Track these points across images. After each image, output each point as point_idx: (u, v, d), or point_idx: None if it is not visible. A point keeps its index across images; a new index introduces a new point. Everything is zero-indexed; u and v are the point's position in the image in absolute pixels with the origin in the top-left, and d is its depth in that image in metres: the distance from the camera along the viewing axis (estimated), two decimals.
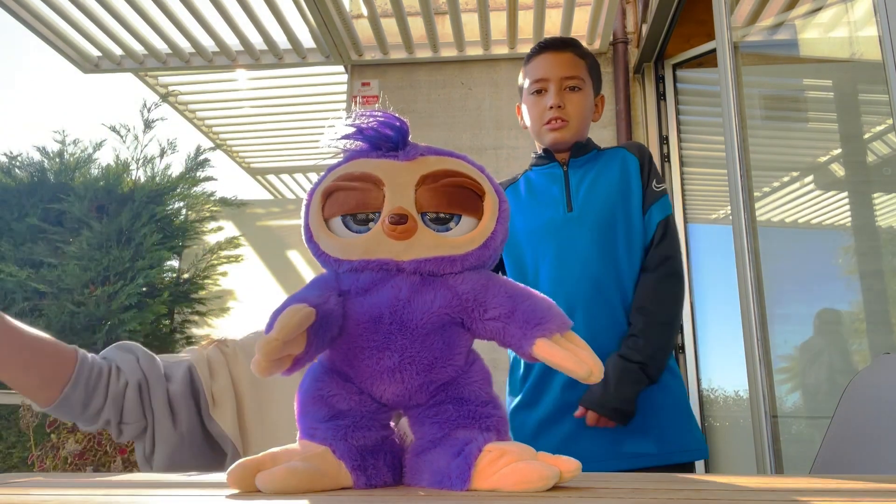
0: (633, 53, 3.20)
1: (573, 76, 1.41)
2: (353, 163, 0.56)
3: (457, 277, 0.54)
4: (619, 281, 1.33)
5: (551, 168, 1.45)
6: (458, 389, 0.53)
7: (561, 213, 1.38)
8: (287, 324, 0.47)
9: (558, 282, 1.32)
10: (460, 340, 0.54)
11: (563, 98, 1.40)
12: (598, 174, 1.42)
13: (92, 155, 5.01)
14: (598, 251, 1.33)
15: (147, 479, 0.67)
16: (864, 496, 0.45)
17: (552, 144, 1.43)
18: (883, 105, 1.64)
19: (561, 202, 1.39)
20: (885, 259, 1.77)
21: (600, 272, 1.32)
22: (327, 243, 0.55)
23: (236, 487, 0.47)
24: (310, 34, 3.21)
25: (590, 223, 1.35)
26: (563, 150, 1.44)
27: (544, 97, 1.41)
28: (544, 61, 1.43)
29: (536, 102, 1.43)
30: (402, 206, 0.53)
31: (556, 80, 1.40)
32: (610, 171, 1.42)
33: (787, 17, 2.23)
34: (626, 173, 1.41)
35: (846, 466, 1.00)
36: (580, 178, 1.42)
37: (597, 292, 1.30)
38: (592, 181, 1.41)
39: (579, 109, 1.42)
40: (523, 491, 0.46)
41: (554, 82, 1.40)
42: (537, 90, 1.43)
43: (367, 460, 0.51)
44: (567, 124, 1.40)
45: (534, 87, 1.43)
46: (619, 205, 1.37)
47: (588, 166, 1.44)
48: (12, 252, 4.63)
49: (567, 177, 1.43)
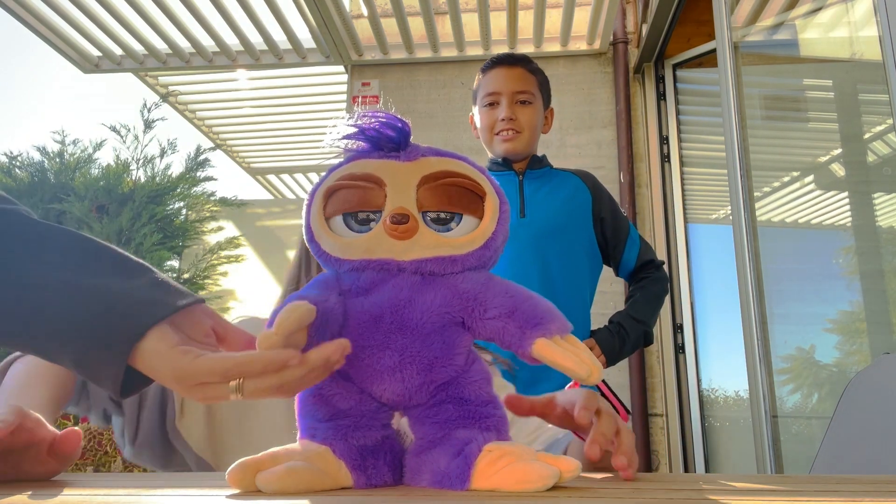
0: (633, 53, 3.20)
1: (524, 90, 1.51)
2: (354, 163, 0.56)
3: (457, 277, 0.54)
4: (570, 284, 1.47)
5: (507, 175, 1.54)
6: (459, 389, 0.53)
7: (513, 217, 1.47)
8: (286, 320, 0.47)
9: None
10: (460, 340, 0.54)
11: (515, 111, 1.50)
12: (552, 190, 1.55)
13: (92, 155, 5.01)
14: (546, 257, 1.46)
15: (147, 478, 0.67)
16: (864, 496, 0.45)
17: (504, 154, 1.52)
18: (883, 105, 1.64)
19: (514, 207, 1.48)
20: (885, 259, 1.77)
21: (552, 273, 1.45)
22: (328, 243, 0.55)
23: (236, 487, 0.48)
24: (310, 34, 3.21)
25: (537, 230, 1.48)
26: (518, 160, 1.54)
27: (496, 109, 1.51)
28: (497, 75, 1.53)
29: (489, 114, 1.53)
30: (403, 206, 0.53)
31: (507, 94, 1.50)
32: (562, 189, 1.55)
33: (787, 17, 2.23)
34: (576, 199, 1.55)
35: (846, 466, 1.00)
36: (535, 189, 1.53)
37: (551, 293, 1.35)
38: (546, 194, 1.53)
39: (530, 121, 1.51)
40: (523, 491, 0.46)
41: (506, 96, 1.50)
42: (490, 103, 1.52)
43: (367, 460, 0.51)
44: (519, 135, 1.50)
45: (487, 100, 1.53)
46: (566, 221, 1.52)
47: (543, 180, 1.55)
48: None
49: (522, 185, 1.53)
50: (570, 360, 0.50)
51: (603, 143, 3.12)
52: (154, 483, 0.60)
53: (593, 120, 3.15)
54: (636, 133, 3.11)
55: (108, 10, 3.04)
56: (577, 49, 3.19)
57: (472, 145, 3.22)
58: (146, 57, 3.48)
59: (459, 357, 0.53)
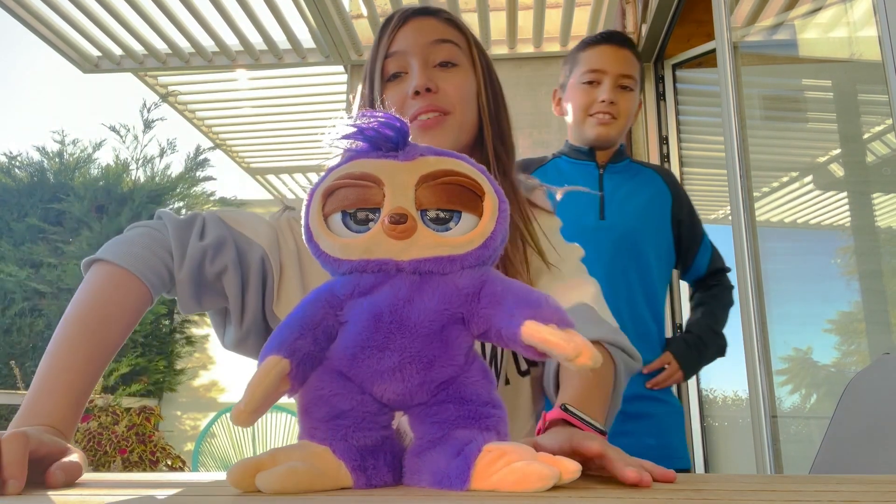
0: None
1: (629, 75, 1.38)
2: (353, 163, 0.56)
3: (456, 275, 0.54)
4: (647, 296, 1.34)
5: (587, 166, 1.41)
6: (459, 389, 0.53)
7: (593, 219, 1.36)
8: (254, 395, 0.49)
9: None
10: (460, 339, 0.54)
11: (617, 95, 1.37)
12: (634, 189, 1.41)
13: (92, 155, 5.02)
14: (623, 265, 1.34)
15: (147, 478, 0.67)
16: (863, 496, 0.45)
17: (595, 139, 1.39)
18: (883, 105, 1.65)
19: (593, 208, 1.37)
20: (885, 259, 1.77)
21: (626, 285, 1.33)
22: (327, 243, 0.55)
23: (236, 487, 0.48)
24: (309, 34, 3.21)
25: (617, 236, 1.35)
26: (603, 147, 1.41)
27: (596, 89, 1.37)
28: (604, 53, 1.39)
29: (587, 92, 1.38)
30: (401, 206, 0.53)
31: (612, 76, 1.37)
32: (644, 189, 1.43)
33: (787, 17, 2.23)
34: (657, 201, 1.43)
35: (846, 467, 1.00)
36: (615, 186, 1.40)
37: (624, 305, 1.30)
38: (628, 194, 1.40)
39: (628, 109, 1.39)
40: (523, 491, 0.46)
41: (611, 77, 1.37)
42: (590, 80, 1.38)
43: (367, 460, 0.51)
44: (615, 122, 1.37)
45: (587, 77, 1.38)
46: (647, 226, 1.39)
47: (624, 176, 1.42)
48: (12, 252, 4.63)
49: (602, 181, 1.40)
50: (558, 337, 0.47)
51: None
52: (154, 483, 0.59)
53: None
54: (636, 133, 3.11)
55: (108, 10, 3.04)
56: None
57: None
58: (146, 57, 3.48)
59: (459, 356, 0.53)
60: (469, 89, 0.91)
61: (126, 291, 0.74)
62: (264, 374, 0.50)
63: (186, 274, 0.78)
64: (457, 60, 0.91)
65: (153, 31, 3.18)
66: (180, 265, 0.78)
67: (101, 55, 3.48)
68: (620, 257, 1.34)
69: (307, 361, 0.53)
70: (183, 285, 0.79)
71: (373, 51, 0.93)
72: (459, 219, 0.55)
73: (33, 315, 4.46)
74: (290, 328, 0.54)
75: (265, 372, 0.50)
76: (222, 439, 4.04)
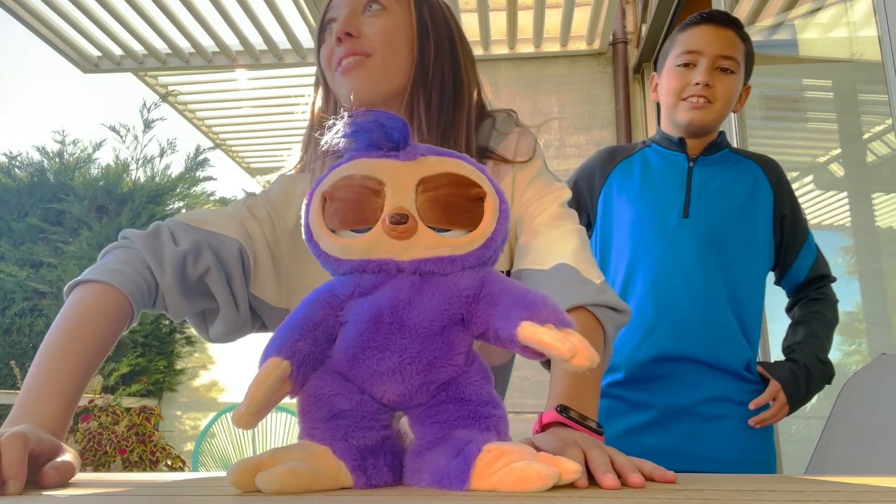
0: (632, 53, 3.21)
1: (729, 56, 1.27)
2: (353, 163, 0.56)
3: (456, 276, 0.54)
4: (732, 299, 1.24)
5: (675, 157, 1.32)
6: (459, 389, 0.53)
7: (675, 218, 1.27)
8: (255, 398, 0.49)
9: (655, 289, 1.24)
10: (460, 340, 0.54)
11: (713, 77, 1.27)
12: (726, 185, 1.30)
13: (92, 155, 5.02)
14: (706, 266, 1.23)
15: (147, 478, 0.67)
16: (863, 496, 0.45)
17: (688, 124, 1.29)
18: (883, 105, 1.65)
19: (678, 204, 1.28)
20: (885, 259, 1.77)
21: (707, 288, 1.23)
22: (327, 243, 0.55)
23: (236, 487, 0.48)
24: (310, 34, 3.21)
25: (701, 236, 1.25)
26: (696, 134, 1.31)
27: (691, 71, 1.28)
28: (702, 33, 1.30)
29: (681, 75, 1.29)
30: (402, 207, 0.53)
31: (709, 56, 1.27)
32: (739, 184, 1.30)
33: (787, 17, 2.23)
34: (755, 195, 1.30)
35: (842, 466, 1.00)
36: (705, 181, 1.29)
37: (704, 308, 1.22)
38: (718, 190, 1.29)
39: (727, 93, 1.28)
40: (522, 491, 0.46)
41: (707, 58, 1.27)
42: (686, 62, 1.29)
43: (367, 460, 0.51)
44: (710, 106, 1.27)
45: (682, 59, 1.29)
46: (739, 224, 1.27)
47: (717, 169, 1.31)
48: (12, 252, 4.63)
49: (691, 174, 1.30)
50: (553, 338, 0.47)
51: (602, 143, 3.12)
52: (154, 482, 0.60)
53: (593, 120, 3.15)
54: (636, 133, 3.11)
55: (108, 10, 3.04)
56: (577, 49, 3.19)
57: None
58: (146, 57, 3.48)
59: (459, 357, 0.53)
60: (395, 32, 0.90)
61: (108, 302, 0.76)
62: (265, 377, 0.50)
63: (171, 278, 0.80)
64: (384, 3, 0.91)
65: (153, 31, 3.18)
66: (161, 272, 0.79)
67: (101, 55, 3.48)
68: (704, 259, 1.23)
69: (308, 362, 0.53)
70: (170, 290, 0.80)
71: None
72: None
73: (33, 315, 4.46)
74: (290, 330, 0.54)
75: (266, 374, 0.50)
76: (222, 439, 4.04)
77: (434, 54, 0.91)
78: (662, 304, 1.23)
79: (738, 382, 1.23)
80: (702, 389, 1.20)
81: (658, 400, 1.22)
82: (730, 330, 1.23)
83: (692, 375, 1.21)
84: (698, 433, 1.20)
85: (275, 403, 0.51)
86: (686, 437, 1.20)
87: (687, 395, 1.21)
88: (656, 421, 1.21)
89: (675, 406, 1.21)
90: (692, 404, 1.20)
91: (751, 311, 1.26)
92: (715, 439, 1.20)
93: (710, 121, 1.28)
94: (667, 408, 1.21)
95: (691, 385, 1.21)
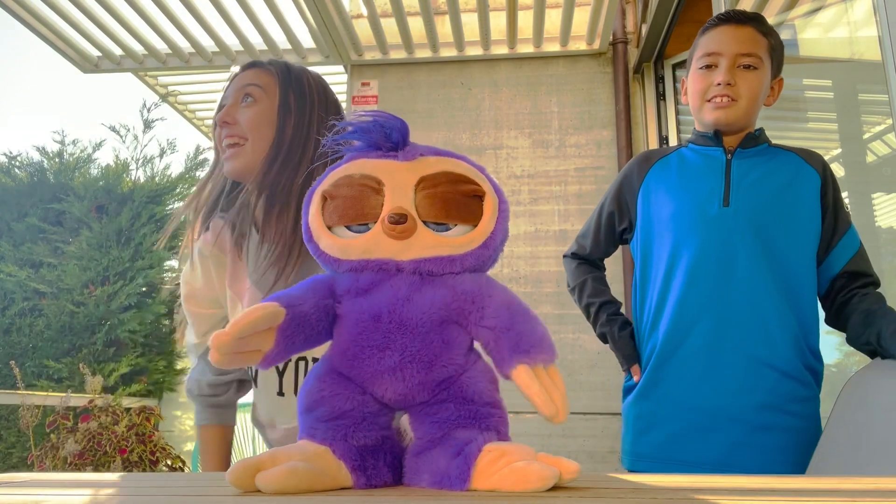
0: (632, 53, 3.21)
1: (749, 53, 1.28)
2: (352, 163, 0.56)
3: (456, 277, 0.55)
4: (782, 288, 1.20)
5: (712, 151, 1.32)
6: (460, 388, 0.53)
7: (715, 207, 1.25)
8: (241, 322, 0.49)
9: (696, 279, 1.22)
10: (459, 338, 0.54)
11: (735, 75, 1.27)
12: (767, 173, 1.28)
13: (91, 155, 5.02)
14: (750, 254, 1.21)
15: (147, 478, 0.67)
16: (863, 496, 0.45)
17: (714, 124, 1.29)
18: (883, 105, 1.65)
19: (717, 194, 1.26)
20: (885, 259, 1.77)
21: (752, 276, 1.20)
22: (327, 243, 0.55)
23: (236, 487, 0.48)
24: (309, 34, 3.21)
25: (743, 222, 1.23)
26: (729, 132, 1.31)
27: (713, 72, 1.29)
28: (720, 34, 1.31)
29: (703, 77, 1.31)
30: (401, 206, 0.53)
31: (729, 56, 1.28)
32: (781, 173, 1.28)
33: (787, 17, 2.23)
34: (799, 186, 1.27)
35: (841, 467, 1.00)
36: (745, 171, 1.28)
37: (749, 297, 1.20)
38: (758, 179, 1.27)
39: (751, 89, 1.28)
40: (523, 491, 0.46)
41: (727, 58, 1.28)
42: (707, 65, 1.30)
43: (367, 460, 0.51)
44: (734, 104, 1.27)
45: (703, 62, 1.31)
46: (782, 211, 1.25)
47: (756, 161, 1.30)
48: (12, 252, 4.63)
49: (729, 166, 1.29)
50: (541, 398, 0.51)
51: (602, 143, 3.12)
52: (155, 483, 0.60)
53: (593, 120, 3.15)
54: (636, 133, 3.11)
55: (108, 11, 3.04)
56: (577, 49, 3.19)
57: (471, 145, 3.22)
58: (146, 57, 3.48)
59: (459, 356, 0.53)
60: (261, 120, 1.07)
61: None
62: (257, 309, 0.51)
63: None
64: (255, 96, 1.08)
65: (153, 31, 3.18)
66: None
67: (101, 55, 3.48)
68: (747, 248, 1.21)
69: (300, 321, 0.53)
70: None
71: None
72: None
73: (33, 315, 4.46)
74: (292, 289, 0.55)
75: (260, 308, 0.51)
76: None
77: (278, 139, 1.06)
78: (704, 295, 1.20)
79: (791, 382, 1.18)
80: (751, 391, 1.16)
81: (704, 402, 1.18)
82: (781, 320, 1.19)
83: (739, 373, 1.17)
84: (747, 444, 1.16)
85: (255, 344, 0.51)
86: (732, 446, 1.16)
87: (734, 397, 1.17)
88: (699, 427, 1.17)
89: (722, 408, 1.17)
90: (740, 410, 1.16)
91: (805, 299, 1.22)
92: (764, 452, 1.15)
93: (735, 118, 1.28)
94: (712, 410, 1.17)
95: (740, 384, 1.16)
